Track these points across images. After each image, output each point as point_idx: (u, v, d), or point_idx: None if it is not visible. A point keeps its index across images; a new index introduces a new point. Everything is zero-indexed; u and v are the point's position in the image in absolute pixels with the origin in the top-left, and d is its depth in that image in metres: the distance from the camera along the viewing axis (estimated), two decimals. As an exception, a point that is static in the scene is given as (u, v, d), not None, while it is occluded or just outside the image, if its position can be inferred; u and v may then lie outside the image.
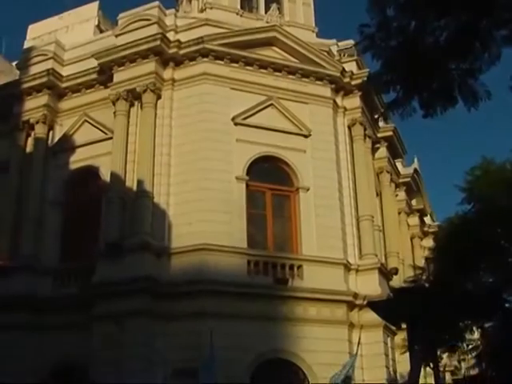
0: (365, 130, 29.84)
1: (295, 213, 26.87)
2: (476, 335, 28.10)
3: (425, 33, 8.79)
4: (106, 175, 27.11)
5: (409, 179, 38.29)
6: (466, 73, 8.92)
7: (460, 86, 8.91)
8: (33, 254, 27.22)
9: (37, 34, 36.37)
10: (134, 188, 25.66)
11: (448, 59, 8.86)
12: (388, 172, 33.73)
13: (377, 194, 31.95)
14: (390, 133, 33.59)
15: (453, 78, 8.96)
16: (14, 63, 35.07)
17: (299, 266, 25.46)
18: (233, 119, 26.67)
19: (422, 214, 41.87)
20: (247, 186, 26.20)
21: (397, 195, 36.52)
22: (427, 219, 43.91)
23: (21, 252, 27.24)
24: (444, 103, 9.16)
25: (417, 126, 63.21)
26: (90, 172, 28.23)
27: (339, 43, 30.92)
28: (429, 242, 39.81)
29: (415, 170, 39.56)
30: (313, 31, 30.97)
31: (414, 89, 9.17)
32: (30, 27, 37.46)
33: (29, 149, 29.43)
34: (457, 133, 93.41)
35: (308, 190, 26.91)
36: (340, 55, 30.18)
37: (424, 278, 23.89)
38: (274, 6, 30.13)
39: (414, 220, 40.52)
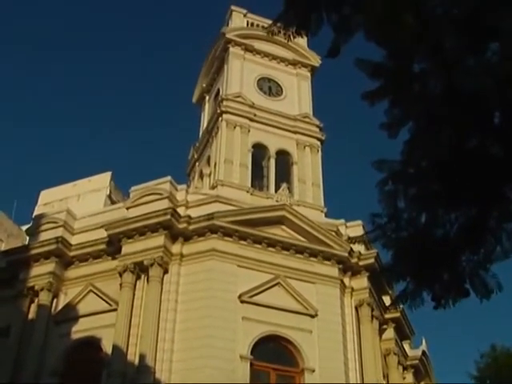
0: (372, 310, 29.60)
1: (300, 394, 26.12)
2: None
3: (435, 225, 8.82)
4: (107, 347, 26.58)
5: (417, 361, 37.34)
6: (477, 264, 8.89)
7: (471, 277, 8.85)
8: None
9: (48, 199, 37.08)
10: (136, 362, 25.10)
11: (459, 251, 8.85)
12: (395, 354, 33.08)
13: (384, 376, 31.10)
14: (398, 314, 33.19)
15: (463, 270, 8.93)
16: (23, 227, 35.42)
17: None
18: (239, 297, 26.52)
19: (430, 397, 40.66)
20: (251, 365, 25.61)
21: (404, 378, 35.58)
22: (435, 403, 42.61)
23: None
24: (455, 295, 9.06)
25: (425, 308, 62.49)
26: (92, 343, 27.64)
27: (347, 223, 31.13)
28: (436, 428, 38.51)
29: (423, 352, 38.67)
30: (321, 211, 31.56)
31: (424, 281, 9.14)
32: (42, 193, 38.23)
33: (31, 315, 29.07)
34: (466, 315, 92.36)
35: (313, 371, 26.25)
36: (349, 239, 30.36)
37: None
38: (284, 185, 30.76)
39: (422, 404, 39.28)
